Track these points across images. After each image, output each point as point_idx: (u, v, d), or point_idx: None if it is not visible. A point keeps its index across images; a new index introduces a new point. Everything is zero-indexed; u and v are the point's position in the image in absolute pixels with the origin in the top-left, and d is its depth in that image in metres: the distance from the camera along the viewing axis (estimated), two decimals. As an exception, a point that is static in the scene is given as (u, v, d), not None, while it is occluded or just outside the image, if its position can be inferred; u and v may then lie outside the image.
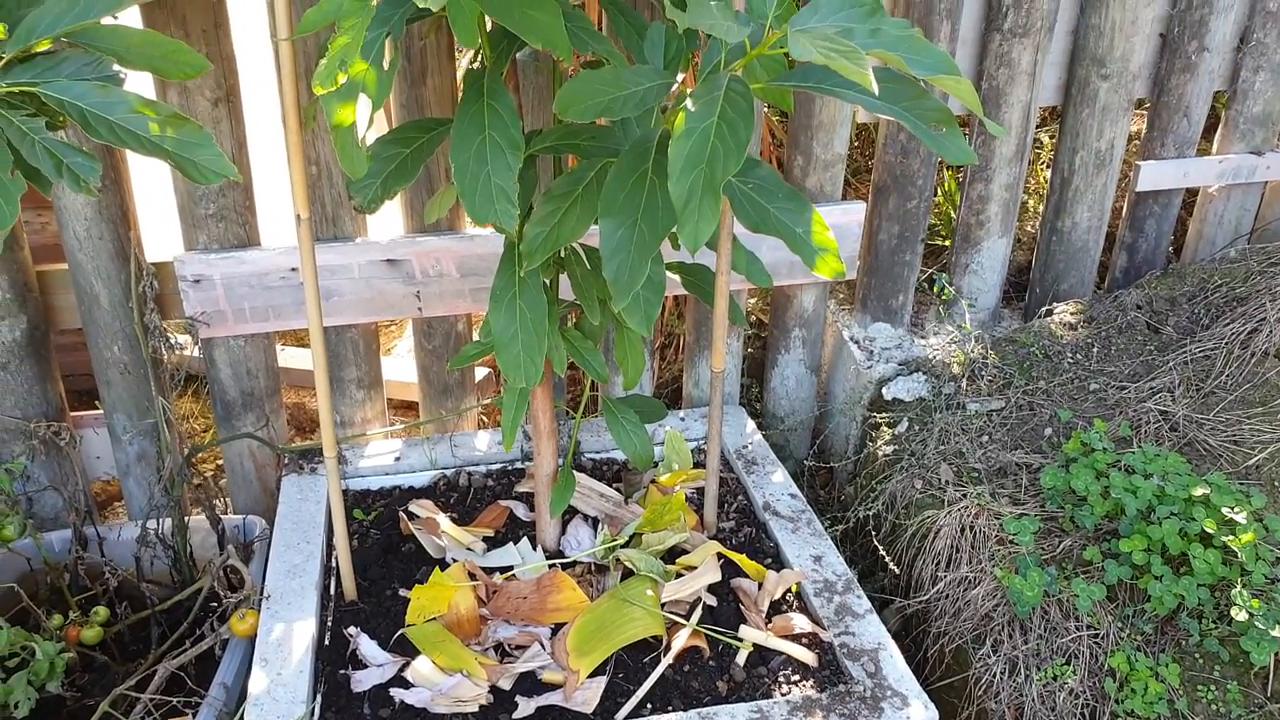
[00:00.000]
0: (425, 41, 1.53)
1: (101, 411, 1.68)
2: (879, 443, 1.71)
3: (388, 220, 1.70)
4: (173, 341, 1.59)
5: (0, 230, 0.88)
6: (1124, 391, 1.63)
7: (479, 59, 1.25)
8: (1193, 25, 1.85)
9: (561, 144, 1.23)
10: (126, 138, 0.98)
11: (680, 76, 1.28)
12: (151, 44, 1.11)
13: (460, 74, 1.68)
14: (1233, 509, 1.34)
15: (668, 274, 1.27)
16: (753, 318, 2.16)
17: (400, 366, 2.25)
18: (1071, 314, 1.88)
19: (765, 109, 1.90)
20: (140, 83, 1.16)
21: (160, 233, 1.80)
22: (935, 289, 1.97)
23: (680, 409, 1.89)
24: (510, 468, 1.71)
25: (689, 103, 1.01)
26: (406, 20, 1.09)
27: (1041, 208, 2.12)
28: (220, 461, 2.00)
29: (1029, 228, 2.23)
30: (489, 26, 1.19)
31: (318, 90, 1.00)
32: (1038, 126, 2.30)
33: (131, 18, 1.31)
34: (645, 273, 1.04)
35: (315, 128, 1.55)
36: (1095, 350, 1.73)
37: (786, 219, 1.18)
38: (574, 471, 1.55)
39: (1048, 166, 2.25)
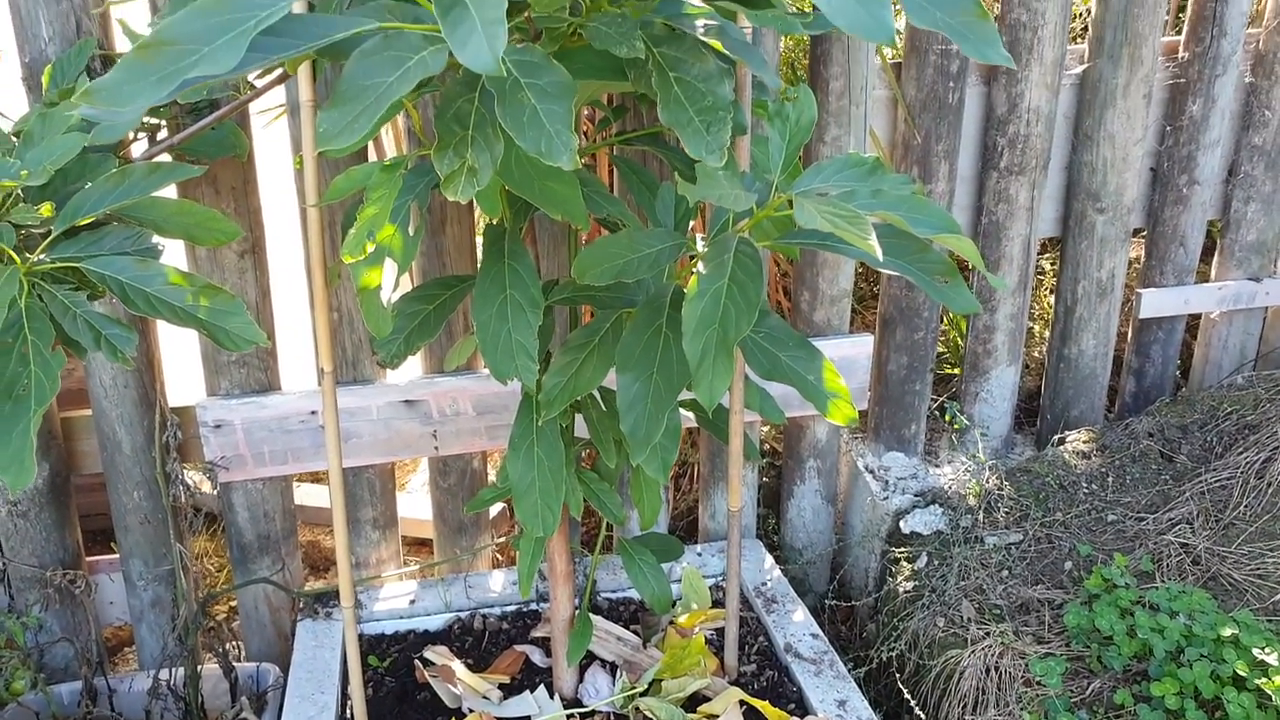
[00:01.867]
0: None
1: (117, 556, 1.68)
2: (899, 578, 1.69)
3: (406, 361, 1.74)
4: (193, 488, 1.60)
5: (40, 408, 0.90)
6: (1142, 523, 1.63)
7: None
8: (1181, 160, 1.92)
9: (578, 296, 1.27)
10: (162, 308, 1.02)
11: (690, 223, 1.33)
12: (186, 213, 1.17)
13: (479, 223, 1.75)
14: (1263, 649, 1.32)
15: (681, 410, 1.29)
16: (766, 446, 2.17)
17: (414, 503, 2.26)
18: (1084, 442, 1.88)
19: (772, 246, 1.95)
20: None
21: (182, 374, 1.84)
22: (947, 417, 1.99)
23: (696, 542, 1.89)
24: (525, 609, 1.69)
25: (700, 265, 1.05)
26: (431, 187, 1.15)
27: (1047, 333, 2.15)
28: (234, 604, 1.99)
29: (1036, 353, 2.26)
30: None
31: (346, 259, 1.05)
32: (1039, 253, 2.35)
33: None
34: (663, 426, 1.06)
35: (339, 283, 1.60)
36: (1110, 480, 1.73)
37: (798, 367, 1.20)
38: (590, 614, 1.54)
39: (1051, 292, 2.30)
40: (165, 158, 1.42)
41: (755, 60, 1.01)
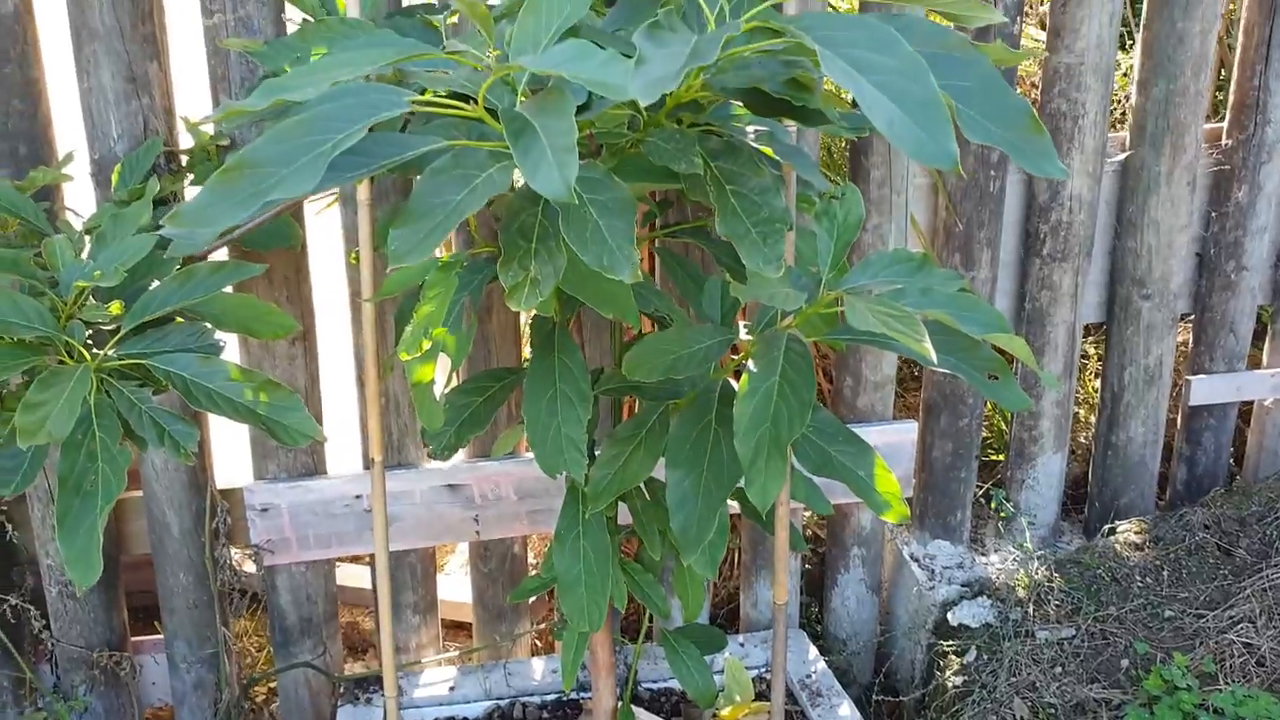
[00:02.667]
0: (491, 283, 1.63)
1: (161, 637, 1.69)
2: (947, 673, 1.65)
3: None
4: (237, 570, 1.62)
5: (107, 505, 0.92)
6: (1201, 620, 1.58)
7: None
8: (1228, 246, 1.91)
9: (625, 387, 1.28)
10: (223, 404, 1.04)
11: (736, 313, 1.34)
12: (245, 307, 1.20)
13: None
14: (1335, 759, 1.26)
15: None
16: (808, 532, 2.15)
17: (453, 585, 2.25)
18: (1136, 533, 1.85)
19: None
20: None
21: (228, 453, 1.87)
22: (993, 505, 1.96)
23: (738, 631, 1.86)
24: (566, 699, 1.67)
25: (750, 362, 1.05)
26: (486, 283, 1.17)
27: (1093, 418, 2.12)
28: (274, 685, 1.98)
29: (1082, 438, 2.23)
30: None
31: (403, 357, 1.07)
32: (1084, 337, 2.34)
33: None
34: (714, 526, 1.06)
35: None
36: (1165, 574, 1.69)
37: (849, 462, 1.20)
38: (633, 706, 1.51)
39: (1096, 376, 2.27)
40: (224, 250, 1.47)
41: (804, 164, 1.03)
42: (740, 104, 0.89)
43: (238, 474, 1.68)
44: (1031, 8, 2.44)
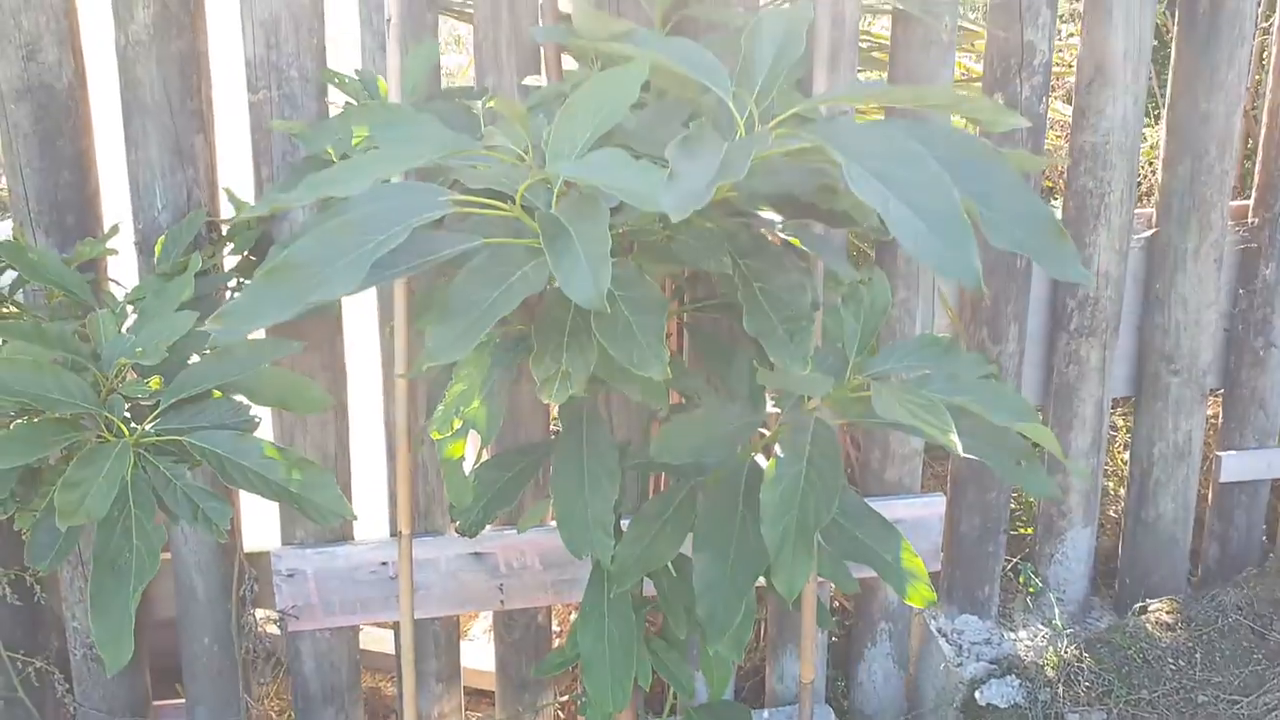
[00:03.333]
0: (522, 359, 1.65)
1: (183, 702, 1.69)
2: (975, 756, 1.62)
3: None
4: (261, 634, 1.62)
5: (140, 584, 0.94)
6: (1236, 707, 1.55)
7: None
8: (1257, 323, 1.90)
9: (653, 465, 1.29)
10: (257, 481, 1.06)
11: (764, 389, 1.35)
12: (281, 381, 1.22)
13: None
14: None
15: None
16: (835, 603, 2.13)
17: (476, 651, 2.24)
18: (1167, 613, 1.81)
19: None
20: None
21: (256, 515, 1.88)
22: (1021, 580, 1.94)
23: (763, 706, 1.84)
24: (588, 773, 1.65)
25: (778, 447, 1.06)
26: (517, 362, 1.19)
27: (1123, 491, 2.10)
28: (292, 750, 1.97)
29: (1111, 512, 2.20)
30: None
31: (434, 435, 1.08)
32: (1112, 409, 2.32)
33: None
34: (740, 611, 1.06)
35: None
36: (1198, 656, 1.65)
37: (875, 545, 1.19)
38: (655, 784, 1.50)
39: (1125, 448, 2.25)
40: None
41: (830, 254, 1.05)
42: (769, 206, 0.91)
43: (265, 537, 1.70)
44: (1059, 79, 2.47)
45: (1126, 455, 2.05)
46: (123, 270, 1.60)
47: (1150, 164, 2.41)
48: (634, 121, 0.88)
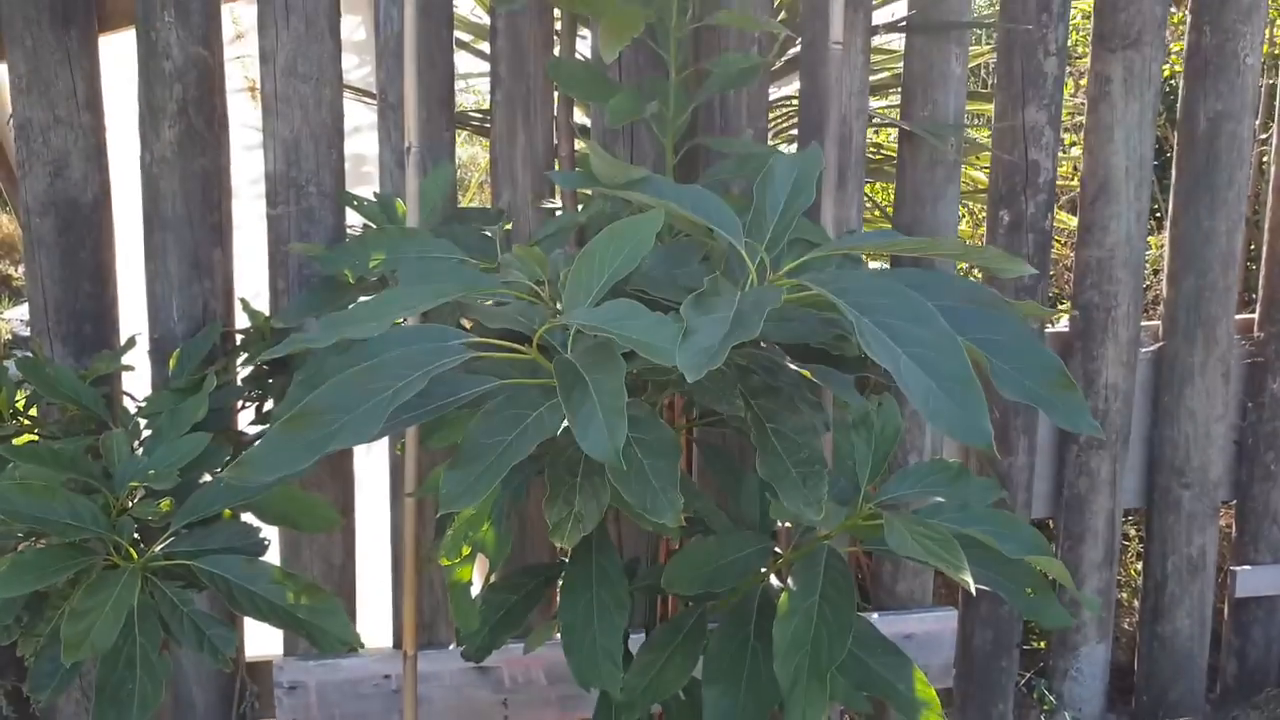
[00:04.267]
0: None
1: (178, 817, 1.64)
2: None
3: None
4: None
5: (143, 717, 0.92)
6: (1263, 842, 1.49)
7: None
8: (1266, 437, 1.90)
9: (662, 588, 1.27)
10: (265, 608, 1.05)
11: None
12: (289, 499, 1.22)
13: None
14: None
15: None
16: (847, 717, 2.08)
17: (477, 760, 2.18)
18: (1188, 735, 1.77)
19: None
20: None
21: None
22: (1035, 695, 1.89)
23: (771, 828, 1.77)
24: None
25: (790, 580, 1.05)
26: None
27: (1137, 603, 2.06)
28: None
29: (1126, 624, 2.16)
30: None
31: (444, 563, 1.08)
32: (1125, 518, 2.30)
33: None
34: (750, 750, 1.03)
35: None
36: (1222, 785, 1.60)
37: (889, 675, 1.17)
38: None
39: (1138, 559, 2.22)
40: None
41: (840, 385, 1.05)
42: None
43: (267, 644, 1.67)
44: (1063, 188, 2.52)
45: (1139, 565, 2.02)
46: (139, 378, 1.61)
47: (1156, 272, 2.44)
48: (649, 260, 0.90)
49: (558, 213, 1.39)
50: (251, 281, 1.65)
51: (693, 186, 0.87)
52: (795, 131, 1.76)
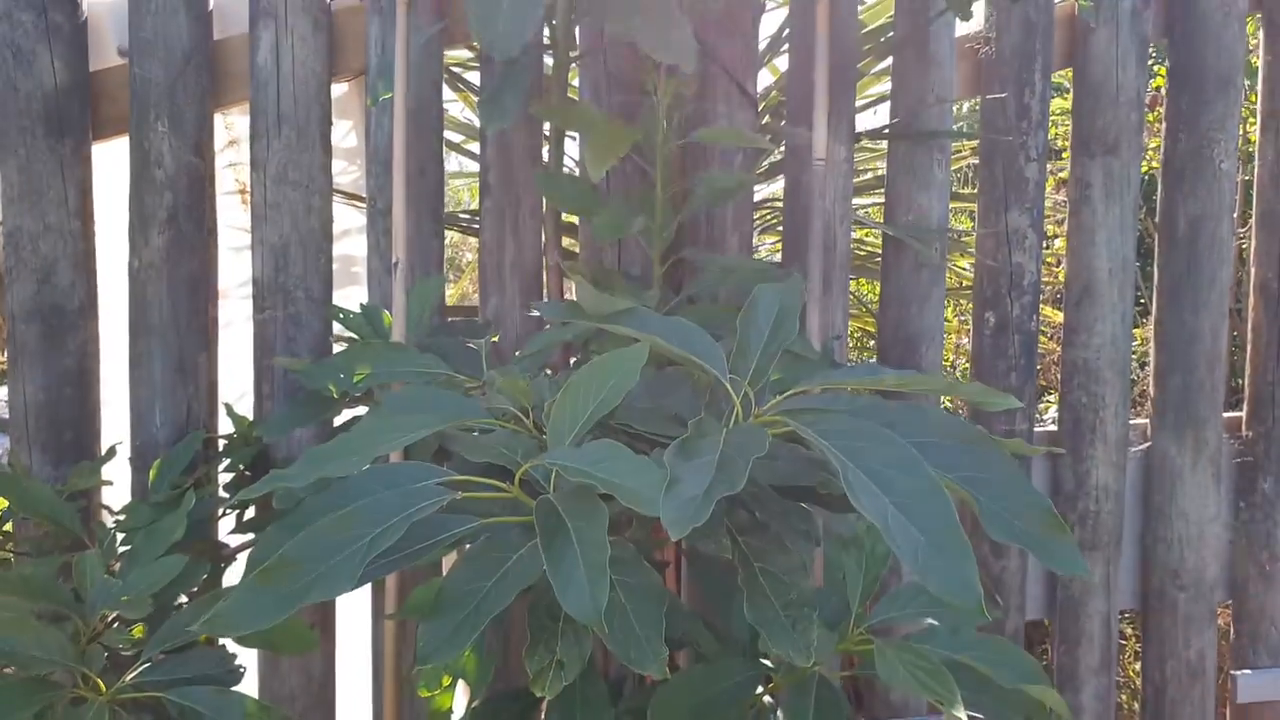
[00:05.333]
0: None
1: None
2: None
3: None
4: None
5: None
6: None
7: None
8: (1260, 537, 1.88)
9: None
10: (235, 746, 1.01)
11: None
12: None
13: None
14: None
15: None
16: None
17: None
18: None
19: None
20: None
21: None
22: (1036, 808, 1.83)
23: None
24: None
25: (780, 711, 1.02)
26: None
27: (1136, 706, 2.02)
28: None
29: (1127, 728, 2.11)
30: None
31: (422, 694, 1.05)
32: (1120, 616, 2.27)
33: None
34: None
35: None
36: None
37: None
38: None
39: (1135, 658, 2.19)
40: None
41: (830, 515, 1.04)
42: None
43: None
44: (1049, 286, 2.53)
45: (1138, 665, 1.98)
46: (120, 482, 1.59)
47: (1143, 365, 2.45)
48: (636, 389, 0.89)
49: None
50: (240, 380, 1.64)
51: (677, 320, 0.87)
52: (782, 228, 1.77)
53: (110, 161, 1.64)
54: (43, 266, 1.52)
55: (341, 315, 1.33)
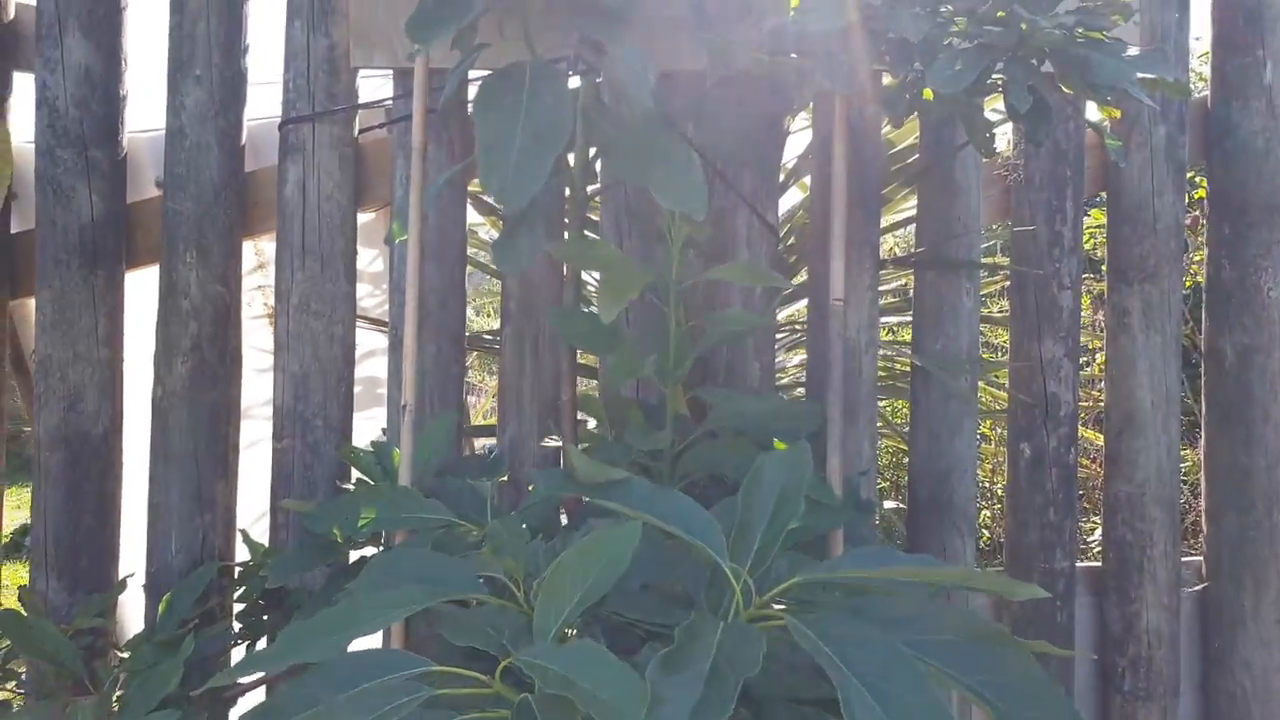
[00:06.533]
0: None
1: None
2: None
3: None
4: None
5: None
6: None
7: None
8: (1332, 687, 1.74)
9: None
10: None
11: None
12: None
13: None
14: None
15: None
16: None
17: None
18: None
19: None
20: None
21: None
22: None
23: None
24: None
25: None
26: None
27: None
28: None
29: None
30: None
31: None
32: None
33: None
34: None
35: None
36: None
37: None
38: None
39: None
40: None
41: None
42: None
43: None
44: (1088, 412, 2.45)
45: (1202, 821, 1.83)
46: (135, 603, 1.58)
47: (1195, 491, 2.33)
48: (630, 567, 0.85)
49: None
50: (263, 500, 1.63)
51: (673, 494, 0.83)
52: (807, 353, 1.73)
53: (148, 288, 1.67)
54: (70, 393, 1.54)
55: (352, 454, 1.31)
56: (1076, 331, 1.67)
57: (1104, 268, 1.78)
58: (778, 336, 2.11)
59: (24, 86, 1.64)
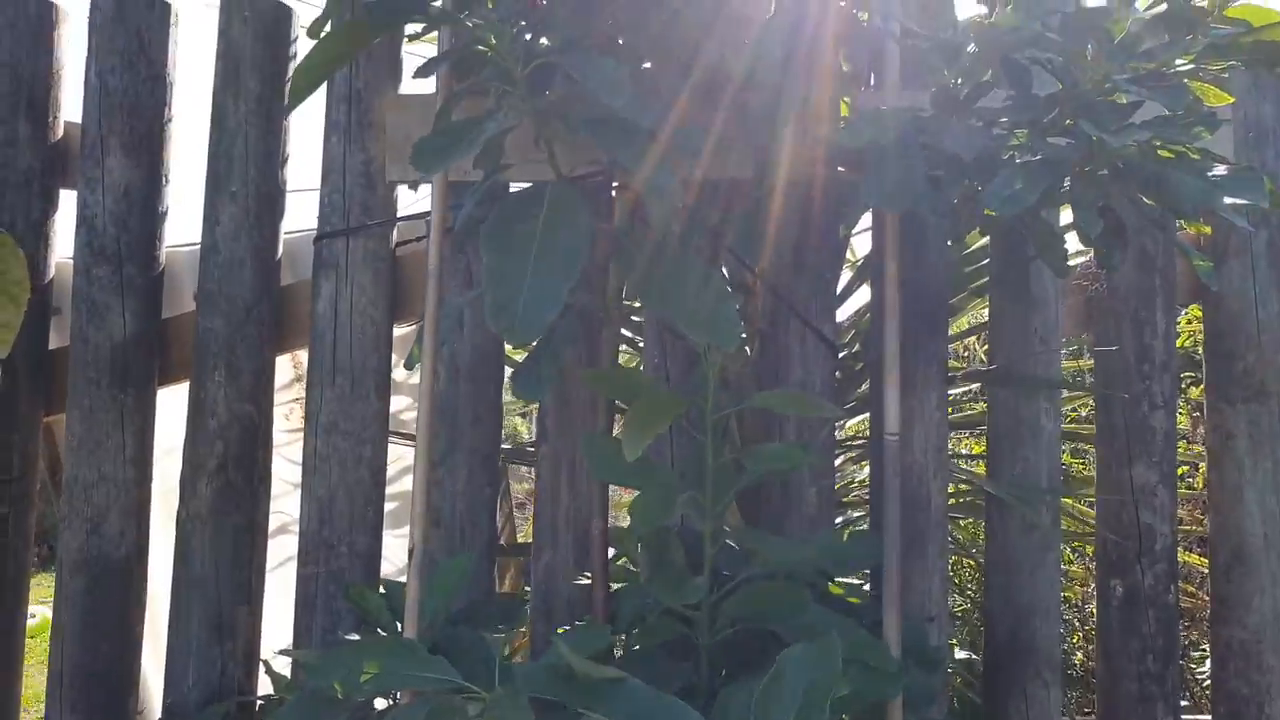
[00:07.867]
0: None
1: None
2: None
3: None
4: None
5: None
6: None
7: None
8: None
9: None
10: None
11: None
12: None
13: None
14: None
15: None
16: None
17: None
18: None
19: None
20: None
21: None
22: None
23: None
24: None
25: None
26: None
27: None
28: None
29: None
30: None
31: None
32: None
33: None
34: None
35: None
36: None
37: None
38: None
39: None
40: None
41: None
42: None
43: None
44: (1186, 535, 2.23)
45: None
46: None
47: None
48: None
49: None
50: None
51: (669, 703, 0.71)
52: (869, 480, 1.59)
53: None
54: (94, 515, 1.50)
55: (363, 598, 1.22)
56: (1172, 456, 1.49)
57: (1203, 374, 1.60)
58: (849, 445, 1.97)
59: (72, 204, 1.65)
